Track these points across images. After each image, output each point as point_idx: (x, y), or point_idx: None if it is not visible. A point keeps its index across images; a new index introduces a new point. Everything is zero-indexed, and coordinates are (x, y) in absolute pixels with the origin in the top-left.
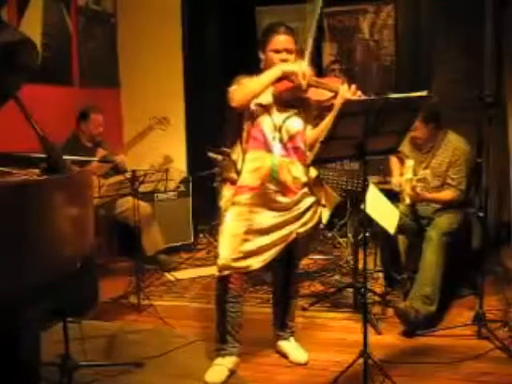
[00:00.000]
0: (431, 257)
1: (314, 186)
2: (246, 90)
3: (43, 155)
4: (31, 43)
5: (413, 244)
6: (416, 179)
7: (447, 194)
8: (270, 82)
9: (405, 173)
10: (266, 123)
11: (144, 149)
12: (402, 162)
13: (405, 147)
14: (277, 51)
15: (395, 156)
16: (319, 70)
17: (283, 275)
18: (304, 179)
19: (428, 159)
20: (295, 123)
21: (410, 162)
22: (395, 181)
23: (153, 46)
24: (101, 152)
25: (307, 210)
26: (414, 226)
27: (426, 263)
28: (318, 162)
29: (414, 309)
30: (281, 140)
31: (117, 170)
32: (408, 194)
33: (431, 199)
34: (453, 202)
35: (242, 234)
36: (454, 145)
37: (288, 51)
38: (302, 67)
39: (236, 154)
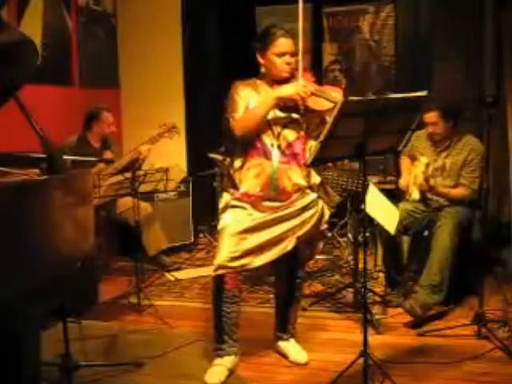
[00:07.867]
0: (443, 240)
1: (317, 191)
2: (246, 123)
3: (43, 155)
4: (31, 43)
5: (415, 244)
6: (434, 168)
7: (459, 192)
8: (268, 112)
9: (418, 167)
10: (265, 130)
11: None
12: (414, 160)
13: (421, 143)
14: (281, 55)
15: (408, 156)
16: (319, 70)
17: (286, 280)
18: (304, 184)
19: (442, 157)
20: (294, 130)
21: (423, 159)
22: (403, 179)
23: (153, 46)
24: (108, 155)
25: (305, 208)
26: (418, 225)
27: (438, 248)
28: (317, 162)
29: (419, 305)
30: (279, 147)
31: (135, 163)
32: (419, 185)
33: (442, 193)
34: (463, 200)
35: (240, 233)
36: (471, 145)
37: (291, 54)
38: (297, 88)
39: (234, 168)
